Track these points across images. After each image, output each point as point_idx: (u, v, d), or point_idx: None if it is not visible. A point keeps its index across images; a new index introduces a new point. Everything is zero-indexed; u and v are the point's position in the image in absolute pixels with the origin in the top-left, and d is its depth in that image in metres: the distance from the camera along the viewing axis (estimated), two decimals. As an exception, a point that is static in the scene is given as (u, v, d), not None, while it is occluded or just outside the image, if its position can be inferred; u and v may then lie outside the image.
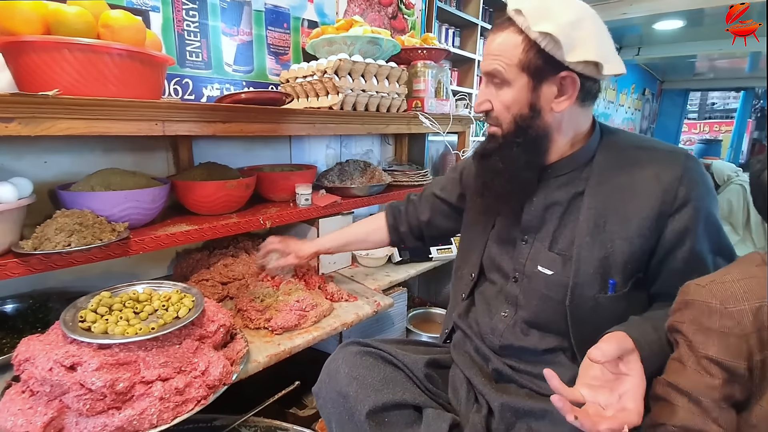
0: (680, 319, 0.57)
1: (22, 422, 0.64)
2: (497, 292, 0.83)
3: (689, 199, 0.66)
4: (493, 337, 0.80)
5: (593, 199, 0.71)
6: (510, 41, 0.67)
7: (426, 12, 2.07)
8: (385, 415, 0.71)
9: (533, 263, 0.76)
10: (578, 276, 0.70)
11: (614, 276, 0.69)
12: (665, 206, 0.67)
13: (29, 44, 0.79)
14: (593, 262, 0.69)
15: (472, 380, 0.79)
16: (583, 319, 0.71)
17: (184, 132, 0.97)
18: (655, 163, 0.69)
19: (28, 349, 0.71)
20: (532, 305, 0.76)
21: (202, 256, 1.30)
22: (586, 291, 0.70)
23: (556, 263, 0.73)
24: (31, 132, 0.77)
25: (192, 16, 1.25)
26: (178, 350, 0.75)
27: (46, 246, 0.83)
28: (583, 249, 0.70)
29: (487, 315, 0.83)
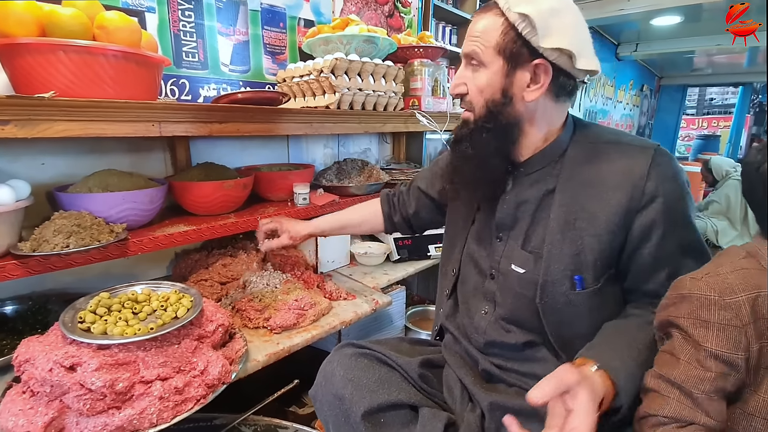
0: (676, 314, 0.58)
1: (23, 422, 0.65)
2: (475, 290, 0.83)
3: (657, 194, 0.66)
4: (477, 335, 0.80)
5: (563, 196, 0.71)
6: (491, 24, 0.67)
7: (422, 10, 2.07)
8: (381, 415, 0.71)
9: (507, 261, 0.76)
10: (548, 273, 0.70)
11: (583, 273, 0.69)
12: (633, 202, 0.66)
13: (24, 46, 0.79)
14: (563, 260, 0.69)
15: (463, 380, 0.80)
16: (556, 316, 0.71)
17: (180, 133, 0.97)
18: (625, 157, 0.69)
19: (28, 350, 0.71)
20: (508, 303, 0.76)
21: (200, 257, 1.31)
22: (556, 288, 0.70)
23: (529, 261, 0.73)
24: (28, 134, 0.77)
25: (188, 17, 1.25)
26: (177, 350, 0.76)
27: (45, 248, 0.83)
28: (553, 246, 0.70)
29: (468, 314, 0.83)
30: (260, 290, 1.16)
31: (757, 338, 0.53)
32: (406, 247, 1.61)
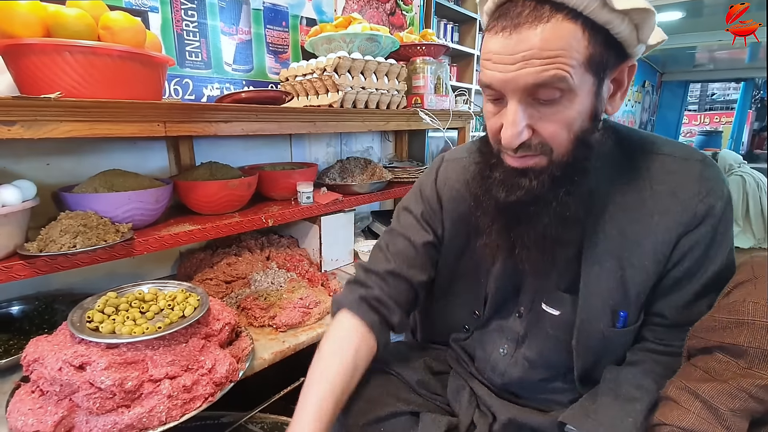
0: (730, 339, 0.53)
1: (33, 421, 0.65)
2: (496, 327, 0.75)
3: (707, 215, 0.57)
4: (494, 375, 0.74)
5: (599, 221, 0.61)
6: (566, 33, 0.48)
7: (424, 8, 2.06)
8: (380, 425, 0.69)
9: (539, 300, 0.68)
10: (584, 311, 0.62)
11: (626, 308, 0.61)
12: (682, 227, 0.57)
13: (29, 47, 0.79)
14: (602, 294, 0.61)
15: (476, 390, 0.77)
16: (589, 355, 0.65)
17: (185, 132, 0.98)
18: (669, 174, 0.59)
19: (36, 349, 0.72)
20: (537, 344, 0.69)
21: (205, 256, 1.31)
22: (593, 326, 0.63)
23: (565, 302, 0.65)
24: (34, 135, 0.77)
25: (191, 16, 1.25)
26: (185, 349, 0.76)
27: (52, 248, 0.83)
28: (590, 281, 0.61)
29: (484, 350, 0.76)
30: (265, 289, 1.16)
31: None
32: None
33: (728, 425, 0.51)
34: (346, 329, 0.69)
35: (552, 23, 0.48)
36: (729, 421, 0.51)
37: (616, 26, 0.49)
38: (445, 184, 0.75)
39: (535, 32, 0.48)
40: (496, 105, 0.55)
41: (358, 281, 0.74)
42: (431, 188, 0.76)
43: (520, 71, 0.49)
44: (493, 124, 0.56)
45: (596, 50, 0.50)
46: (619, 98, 0.57)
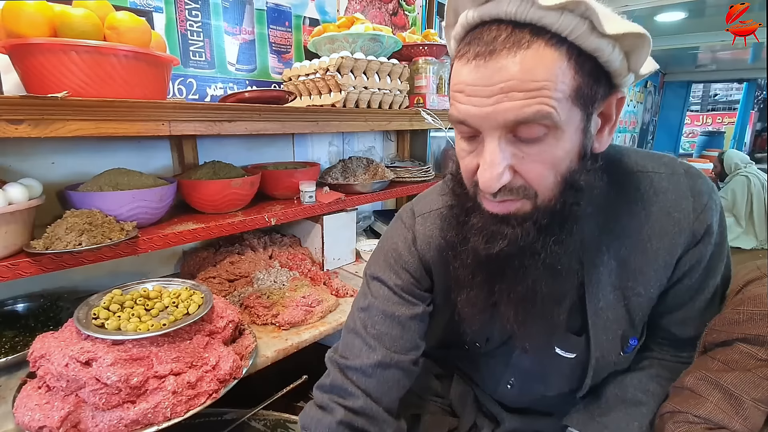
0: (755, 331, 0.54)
1: (40, 417, 0.66)
2: (503, 363, 0.70)
3: (706, 233, 0.55)
4: (497, 408, 0.74)
5: (597, 254, 0.57)
6: (549, 61, 0.41)
7: (426, 8, 2.07)
8: None
9: (549, 343, 0.62)
10: (598, 350, 0.59)
11: (634, 334, 0.61)
12: (681, 248, 0.55)
13: (36, 46, 0.80)
14: (610, 327, 0.59)
15: (480, 397, 0.76)
16: (598, 379, 0.64)
17: (190, 132, 0.98)
18: (659, 193, 0.56)
19: (43, 345, 0.72)
20: (551, 382, 0.66)
21: (208, 254, 1.32)
22: (606, 359, 0.61)
23: (577, 344, 0.61)
24: (41, 133, 0.78)
25: (195, 16, 1.25)
26: (189, 345, 0.77)
27: (57, 245, 0.84)
28: (598, 320, 0.58)
29: (489, 381, 0.73)
30: (268, 287, 1.17)
31: None
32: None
33: (746, 416, 0.51)
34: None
35: (533, 50, 0.41)
36: (748, 411, 0.51)
37: (606, 54, 0.43)
38: (429, 244, 0.63)
39: (514, 60, 0.41)
40: (471, 143, 0.48)
41: (334, 389, 0.60)
42: (410, 252, 0.64)
43: (498, 105, 0.42)
44: (468, 163, 0.49)
45: (584, 81, 0.43)
46: (608, 134, 0.50)
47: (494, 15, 0.43)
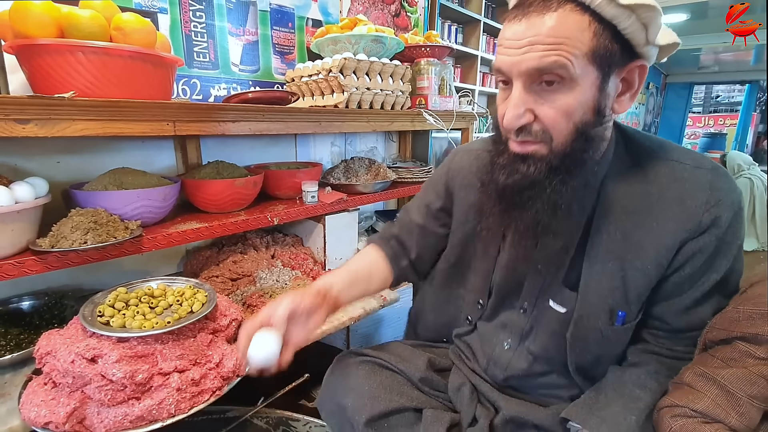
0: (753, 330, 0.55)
1: (46, 413, 0.67)
2: (500, 321, 0.77)
3: (714, 224, 0.58)
4: (496, 369, 0.76)
5: (604, 222, 0.62)
6: (571, 23, 0.50)
7: (429, 9, 2.08)
8: (384, 421, 0.70)
9: (545, 297, 0.69)
10: (583, 308, 0.64)
11: (624, 308, 0.63)
12: (686, 233, 0.59)
13: (44, 47, 0.81)
14: (601, 293, 0.63)
15: (478, 387, 0.78)
16: (584, 351, 0.67)
17: (194, 132, 0.99)
18: (677, 181, 0.60)
19: (49, 342, 0.73)
20: (541, 340, 0.71)
21: (211, 253, 1.33)
22: (590, 323, 0.65)
23: (570, 299, 0.66)
24: (48, 133, 0.79)
25: (199, 17, 1.26)
26: (193, 343, 0.78)
27: (63, 244, 0.85)
28: (591, 279, 0.63)
29: (488, 344, 0.78)
30: (270, 286, 1.18)
31: None
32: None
33: (742, 412, 0.52)
34: (368, 254, 0.87)
35: (559, 12, 0.51)
36: (744, 407, 0.52)
37: (623, 22, 0.50)
38: (459, 174, 0.80)
39: (542, 20, 0.51)
40: (505, 91, 0.58)
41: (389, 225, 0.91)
42: (444, 177, 0.83)
43: (524, 55, 0.52)
44: (501, 109, 0.59)
45: (601, 44, 0.51)
46: (629, 99, 0.58)
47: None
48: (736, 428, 0.52)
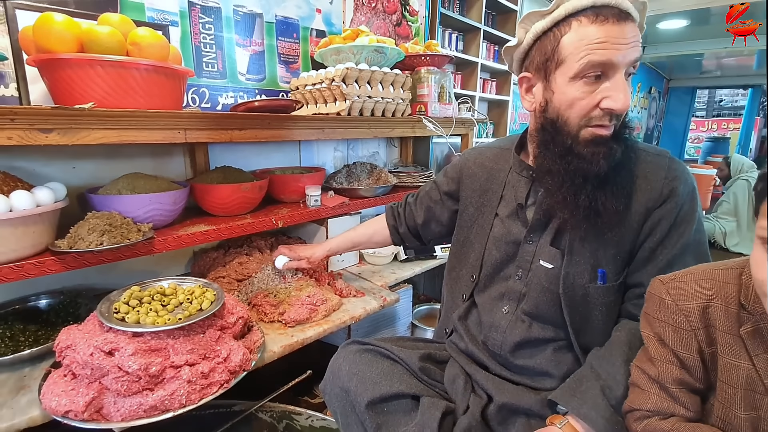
0: (646, 310, 0.63)
1: (66, 402, 0.72)
2: (498, 292, 0.85)
3: (672, 195, 0.72)
4: (497, 334, 0.83)
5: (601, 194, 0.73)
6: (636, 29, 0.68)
7: (429, 18, 2.13)
8: (384, 405, 0.76)
9: (537, 258, 0.80)
10: (569, 265, 0.75)
11: (604, 266, 0.74)
12: (651, 202, 0.73)
13: (65, 61, 0.87)
14: (584, 253, 0.75)
15: (473, 376, 0.83)
16: (575, 308, 0.76)
17: (203, 139, 1.05)
18: (645, 164, 0.75)
19: (68, 337, 0.78)
20: (533, 298, 0.80)
21: (218, 255, 1.38)
22: (576, 280, 0.75)
23: (557, 257, 0.77)
24: (69, 141, 0.85)
25: (208, 29, 1.32)
26: (203, 339, 0.82)
27: (80, 245, 0.90)
28: (575, 240, 0.75)
29: (487, 314, 0.86)
30: (275, 286, 1.23)
31: (708, 344, 0.56)
32: (413, 247, 1.67)
33: (681, 401, 0.58)
34: (378, 219, 1.18)
35: (631, 21, 0.67)
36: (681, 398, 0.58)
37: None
38: (466, 165, 0.98)
39: (632, 26, 0.67)
40: (593, 84, 0.68)
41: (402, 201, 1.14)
42: (456, 167, 1.01)
43: (631, 49, 0.66)
44: (589, 101, 0.69)
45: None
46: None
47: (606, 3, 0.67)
48: (687, 416, 0.57)
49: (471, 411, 0.76)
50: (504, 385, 0.80)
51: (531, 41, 0.74)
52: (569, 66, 0.68)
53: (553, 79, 0.71)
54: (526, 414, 0.76)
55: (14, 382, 0.85)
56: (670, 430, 0.56)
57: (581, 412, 0.66)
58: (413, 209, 1.09)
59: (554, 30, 0.70)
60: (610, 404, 0.66)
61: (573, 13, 0.68)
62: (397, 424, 0.74)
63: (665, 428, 0.57)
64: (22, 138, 0.80)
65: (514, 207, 0.84)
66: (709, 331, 0.56)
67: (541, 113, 0.75)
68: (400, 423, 0.74)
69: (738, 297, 0.55)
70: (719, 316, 0.55)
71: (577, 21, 0.68)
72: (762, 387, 0.52)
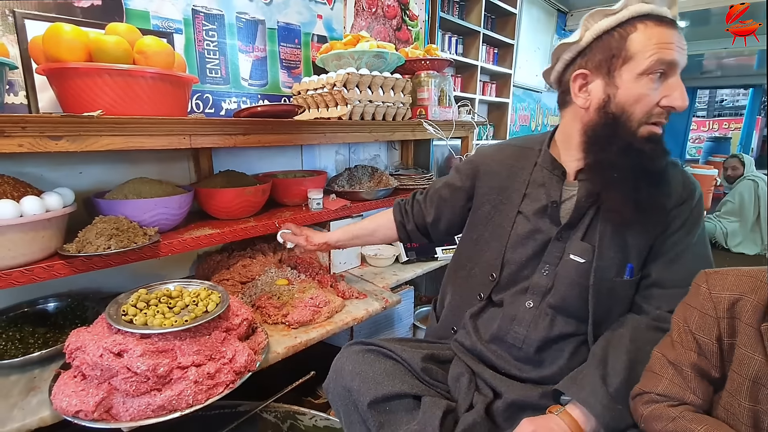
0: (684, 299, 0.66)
1: (77, 402, 0.74)
2: (522, 287, 0.86)
3: (687, 198, 0.79)
4: (520, 328, 0.84)
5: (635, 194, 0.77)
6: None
7: (429, 22, 2.15)
8: (386, 404, 0.78)
9: (566, 254, 0.82)
10: (600, 258, 0.78)
11: (632, 261, 0.79)
12: (672, 203, 0.78)
13: (74, 70, 0.89)
14: (614, 247, 0.78)
15: (480, 374, 0.84)
16: (601, 301, 0.79)
17: (208, 144, 1.07)
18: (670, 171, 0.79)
19: (78, 339, 0.80)
20: (560, 291, 0.81)
21: (222, 258, 1.40)
22: (605, 274, 0.78)
23: (588, 252, 0.80)
24: (78, 148, 0.87)
25: (211, 36, 1.35)
26: (209, 340, 0.84)
27: (89, 249, 0.92)
28: (605, 235, 0.79)
29: (510, 308, 0.86)
30: (278, 288, 1.24)
31: (729, 335, 0.58)
32: (414, 249, 1.69)
33: (692, 387, 0.60)
34: (384, 214, 1.15)
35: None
36: (693, 383, 0.60)
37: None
38: (483, 162, 0.97)
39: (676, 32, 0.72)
40: (657, 81, 0.72)
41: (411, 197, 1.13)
42: (469, 165, 1.00)
43: (684, 54, 0.72)
44: (654, 97, 0.72)
45: None
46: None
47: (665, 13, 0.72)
48: (695, 404, 0.59)
49: (477, 409, 0.77)
50: (512, 383, 0.82)
51: (591, 39, 0.76)
52: (638, 62, 0.71)
53: (618, 75, 0.73)
54: (533, 409, 0.78)
55: (25, 383, 0.87)
56: (676, 417, 0.58)
57: (580, 396, 0.69)
58: (423, 207, 1.08)
59: (618, 29, 0.73)
60: (609, 392, 0.68)
61: (638, 16, 0.72)
62: (399, 423, 0.76)
63: (672, 415, 0.58)
64: (33, 145, 0.82)
65: (543, 204, 0.85)
66: (734, 322, 0.58)
67: (600, 109, 0.76)
68: (402, 422, 0.76)
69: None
70: (747, 309, 0.57)
71: (642, 23, 0.72)
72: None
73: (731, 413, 0.56)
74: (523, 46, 3.24)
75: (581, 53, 0.79)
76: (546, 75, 0.89)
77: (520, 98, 3.53)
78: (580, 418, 0.69)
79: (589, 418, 0.69)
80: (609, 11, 0.74)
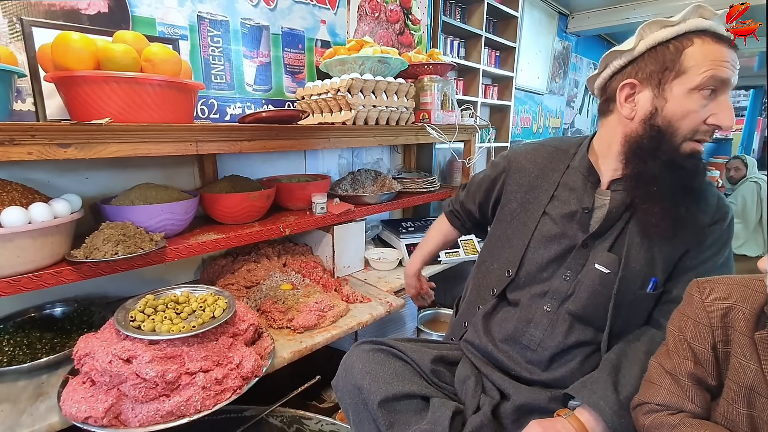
0: (678, 308, 0.66)
1: (86, 408, 0.74)
2: (540, 290, 0.86)
3: (720, 219, 0.78)
4: (536, 331, 0.84)
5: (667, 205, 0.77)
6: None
7: (431, 26, 2.16)
8: (396, 404, 0.78)
9: (591, 262, 0.81)
10: (625, 270, 0.78)
11: (657, 275, 0.78)
12: (707, 222, 0.77)
13: (82, 78, 0.90)
14: (640, 261, 0.78)
15: (488, 376, 0.85)
16: (620, 312, 0.79)
17: (214, 150, 1.07)
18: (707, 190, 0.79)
19: (87, 345, 0.81)
20: (582, 299, 0.81)
21: (226, 262, 1.40)
22: (629, 286, 0.78)
23: (614, 263, 0.79)
24: (86, 155, 0.88)
25: (216, 42, 1.36)
26: (216, 346, 0.85)
27: (96, 255, 0.93)
28: (632, 248, 0.79)
29: (527, 310, 0.86)
30: (282, 293, 1.25)
31: (724, 343, 0.59)
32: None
33: (690, 396, 0.60)
34: (443, 224, 1.19)
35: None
36: (691, 391, 0.60)
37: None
38: (515, 159, 0.97)
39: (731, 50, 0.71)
40: (707, 98, 0.71)
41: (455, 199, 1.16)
42: (503, 161, 1.00)
43: (737, 74, 0.72)
44: (703, 114, 0.71)
45: None
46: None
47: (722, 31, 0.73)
48: (694, 412, 0.59)
49: (483, 411, 0.78)
50: (520, 386, 0.82)
51: (645, 48, 0.75)
52: (691, 77, 0.70)
53: (668, 89, 0.72)
54: (541, 412, 0.78)
55: (33, 389, 0.88)
56: (677, 424, 0.58)
57: (591, 400, 0.69)
58: (468, 206, 1.11)
59: (674, 42, 0.72)
60: (619, 399, 0.69)
61: (695, 30, 0.71)
62: (408, 423, 0.77)
63: (672, 423, 0.59)
64: (42, 153, 0.83)
65: (573, 210, 0.84)
66: (727, 331, 0.59)
67: (645, 121, 0.75)
68: (411, 421, 0.77)
69: (763, 305, 0.57)
70: (740, 318, 0.58)
71: (699, 38, 0.70)
72: (765, 389, 0.54)
73: (730, 420, 0.57)
74: (524, 49, 3.25)
75: (632, 62, 0.77)
76: (590, 81, 0.87)
77: (522, 101, 3.53)
78: (588, 423, 0.70)
79: (598, 423, 0.69)
80: (667, 22, 0.73)
